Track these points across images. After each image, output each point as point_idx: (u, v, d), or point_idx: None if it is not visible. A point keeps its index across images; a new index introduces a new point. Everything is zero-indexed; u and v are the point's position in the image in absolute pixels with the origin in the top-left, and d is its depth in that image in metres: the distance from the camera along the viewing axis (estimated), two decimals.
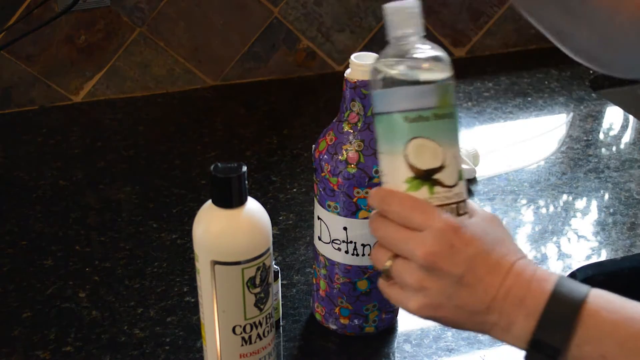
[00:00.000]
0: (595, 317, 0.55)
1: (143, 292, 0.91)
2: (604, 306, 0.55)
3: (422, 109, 0.58)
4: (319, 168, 0.78)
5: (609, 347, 0.54)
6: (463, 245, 0.57)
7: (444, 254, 0.57)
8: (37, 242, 1.00)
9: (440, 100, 0.59)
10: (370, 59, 0.75)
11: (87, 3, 1.27)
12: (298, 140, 1.23)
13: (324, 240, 0.81)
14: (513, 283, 0.57)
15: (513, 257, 0.58)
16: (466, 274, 0.57)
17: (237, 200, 0.66)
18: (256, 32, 1.39)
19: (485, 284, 0.57)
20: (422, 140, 0.59)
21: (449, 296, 0.58)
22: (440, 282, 0.58)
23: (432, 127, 0.59)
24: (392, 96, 0.59)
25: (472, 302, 0.58)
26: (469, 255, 0.57)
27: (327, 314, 0.84)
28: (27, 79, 1.30)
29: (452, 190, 0.60)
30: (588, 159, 1.18)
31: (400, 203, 0.59)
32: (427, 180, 0.59)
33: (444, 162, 0.59)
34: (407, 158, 0.59)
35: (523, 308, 0.56)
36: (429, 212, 0.58)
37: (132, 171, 1.15)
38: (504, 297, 0.57)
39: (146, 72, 1.36)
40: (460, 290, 0.57)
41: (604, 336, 0.55)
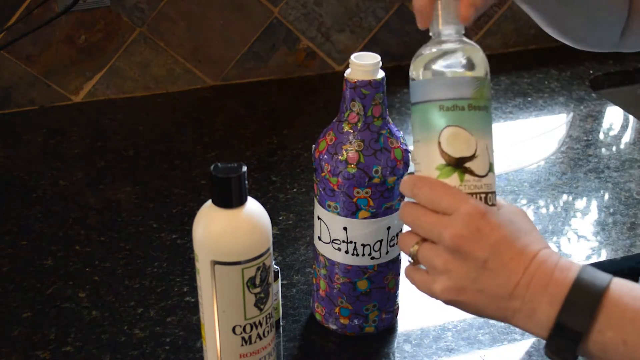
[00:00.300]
0: (617, 304, 0.56)
1: (143, 292, 0.91)
2: (626, 293, 0.56)
3: (458, 98, 0.60)
4: (319, 168, 0.78)
5: (630, 333, 0.55)
6: (489, 230, 0.58)
7: (471, 237, 0.58)
8: (37, 242, 1.00)
9: (475, 92, 0.60)
10: (371, 58, 0.75)
11: (87, 3, 1.27)
12: (298, 140, 1.23)
13: (324, 240, 0.81)
14: (536, 270, 0.58)
15: (537, 246, 0.60)
16: (491, 259, 0.58)
17: (237, 200, 0.66)
18: (256, 32, 1.39)
19: (509, 270, 0.58)
20: (456, 128, 0.60)
21: (473, 280, 0.59)
22: (466, 265, 0.59)
23: (466, 117, 0.60)
24: (430, 86, 0.61)
25: (496, 286, 0.59)
26: (494, 240, 0.58)
27: (327, 314, 0.84)
28: (27, 79, 1.30)
29: (482, 180, 0.61)
30: (588, 159, 1.18)
31: (430, 187, 0.60)
32: (458, 168, 0.60)
33: (475, 152, 0.61)
34: (440, 145, 0.61)
35: (546, 295, 0.57)
36: (458, 196, 0.60)
37: (132, 171, 1.15)
38: (527, 284, 0.58)
39: (146, 72, 1.36)
40: (485, 275, 0.59)
41: (625, 322, 0.56)
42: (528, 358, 0.82)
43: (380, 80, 0.75)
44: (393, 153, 0.76)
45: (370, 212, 0.77)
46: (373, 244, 0.79)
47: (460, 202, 0.59)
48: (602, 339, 0.56)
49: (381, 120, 0.76)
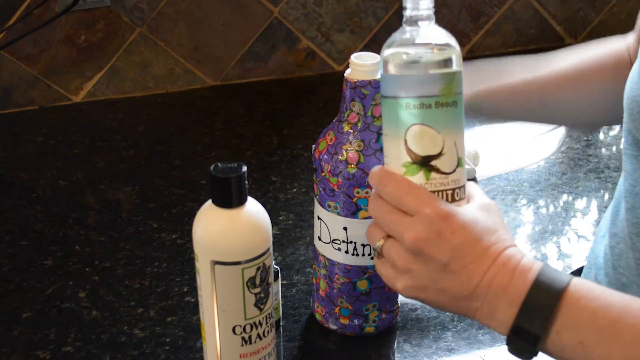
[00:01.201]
0: (574, 305, 0.57)
1: (143, 292, 0.91)
2: (583, 295, 0.57)
3: (425, 96, 0.59)
4: (319, 168, 0.78)
5: (586, 334, 0.56)
6: (450, 234, 0.59)
7: (431, 241, 0.59)
8: (37, 242, 1.00)
9: (444, 89, 0.59)
10: (371, 58, 0.75)
11: (87, 3, 1.27)
12: (298, 140, 1.23)
13: (324, 240, 0.80)
14: (497, 272, 0.59)
15: (500, 246, 0.60)
16: (451, 262, 0.59)
17: (237, 200, 0.66)
18: (256, 32, 1.39)
19: (470, 272, 0.59)
20: (422, 127, 0.60)
21: (433, 280, 0.60)
22: (426, 266, 0.60)
23: (433, 115, 0.60)
24: (396, 82, 0.61)
25: (456, 287, 0.60)
26: (455, 244, 0.59)
27: (327, 314, 0.84)
28: (27, 79, 1.30)
29: (449, 177, 0.61)
30: (588, 159, 1.18)
31: (395, 186, 0.61)
32: (424, 166, 0.60)
33: (442, 150, 0.60)
34: (406, 143, 0.60)
35: (506, 297, 0.58)
36: (422, 198, 0.60)
37: (132, 171, 1.15)
38: (487, 285, 0.59)
39: (146, 72, 1.36)
40: (445, 276, 0.59)
41: (582, 323, 0.57)
42: None
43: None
44: None
45: None
46: None
47: (423, 205, 0.59)
48: (560, 340, 0.57)
49: (381, 120, 0.76)
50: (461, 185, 0.62)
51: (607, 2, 1.57)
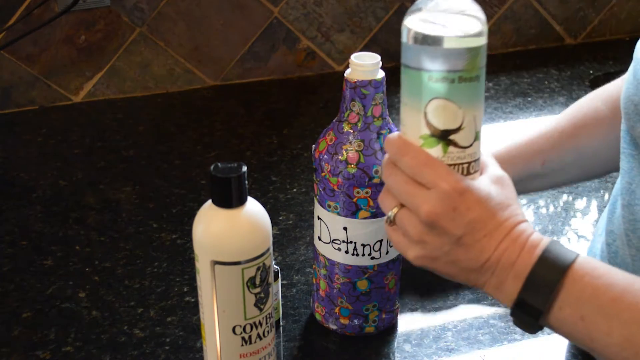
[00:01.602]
0: (578, 281, 0.58)
1: (143, 292, 0.91)
2: (587, 272, 0.58)
3: (448, 71, 0.58)
4: (319, 168, 0.78)
5: (588, 310, 0.58)
6: (465, 209, 0.59)
7: (446, 215, 0.59)
8: (37, 242, 1.00)
9: (467, 64, 0.58)
10: (371, 58, 0.75)
11: (87, 3, 1.27)
12: (298, 140, 1.23)
13: (324, 240, 0.80)
14: (507, 247, 0.60)
15: (513, 221, 0.61)
16: (465, 236, 0.60)
17: (237, 200, 0.66)
18: (256, 32, 1.39)
19: (482, 246, 0.60)
20: (443, 101, 0.59)
21: (446, 252, 0.61)
22: (439, 239, 0.60)
23: (455, 90, 0.58)
24: (420, 53, 0.58)
25: (467, 260, 0.61)
26: (470, 219, 0.60)
27: (327, 314, 0.84)
28: (27, 79, 1.30)
29: (466, 151, 0.60)
30: None
31: (414, 157, 0.60)
32: (443, 140, 0.60)
33: (462, 124, 0.59)
34: (426, 116, 0.59)
35: (513, 270, 0.60)
36: (439, 171, 0.60)
37: (132, 171, 1.15)
38: (497, 259, 0.60)
39: (146, 72, 1.36)
40: (457, 249, 0.60)
41: (584, 300, 0.58)
42: (528, 358, 0.82)
43: (380, 80, 0.75)
44: None
45: (370, 212, 0.77)
46: (373, 244, 0.79)
47: (440, 179, 0.59)
48: (562, 315, 0.59)
49: (381, 120, 0.76)
50: (477, 158, 0.62)
51: (607, 2, 1.57)
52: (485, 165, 0.64)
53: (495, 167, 0.64)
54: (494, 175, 0.63)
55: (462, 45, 0.58)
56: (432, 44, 0.58)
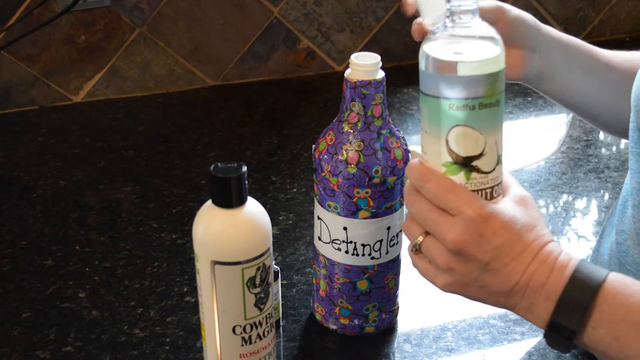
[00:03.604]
0: (610, 301, 0.57)
1: (143, 292, 0.91)
2: (619, 291, 0.58)
3: (468, 98, 0.57)
4: (319, 168, 0.78)
5: (622, 330, 0.57)
6: (491, 235, 0.59)
7: (473, 242, 0.59)
8: (37, 242, 1.00)
9: (487, 90, 0.58)
10: (371, 58, 0.75)
11: (87, 3, 1.27)
12: (298, 140, 1.23)
13: (324, 240, 0.80)
14: (536, 269, 0.60)
15: (540, 242, 0.61)
16: (492, 261, 0.60)
17: (237, 200, 0.66)
18: (256, 32, 1.39)
19: (510, 270, 0.60)
20: (465, 128, 0.58)
21: (474, 278, 0.61)
22: (467, 265, 0.60)
23: (476, 116, 0.58)
24: (438, 81, 0.58)
25: (496, 284, 0.61)
26: (496, 244, 0.59)
27: (327, 314, 0.84)
28: (27, 79, 1.30)
29: (489, 176, 0.60)
30: (588, 159, 1.18)
31: (437, 183, 0.60)
32: (465, 167, 0.60)
33: (483, 150, 0.59)
34: (448, 144, 0.59)
35: (543, 292, 0.59)
36: (463, 198, 0.60)
37: (132, 171, 1.15)
38: (526, 282, 0.60)
39: (146, 72, 1.36)
40: (486, 274, 0.60)
41: (617, 319, 0.57)
42: (528, 358, 0.82)
43: (380, 80, 0.75)
44: (393, 153, 0.76)
45: (370, 212, 0.77)
46: (373, 244, 0.79)
47: (465, 205, 0.59)
48: (596, 336, 0.58)
49: (381, 120, 0.76)
50: (499, 182, 0.62)
51: (607, 2, 1.57)
52: (508, 186, 0.63)
53: (517, 187, 0.64)
54: (517, 196, 0.63)
55: (482, 72, 0.57)
56: (451, 72, 0.57)
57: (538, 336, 0.84)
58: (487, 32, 0.59)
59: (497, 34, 0.59)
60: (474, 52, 0.58)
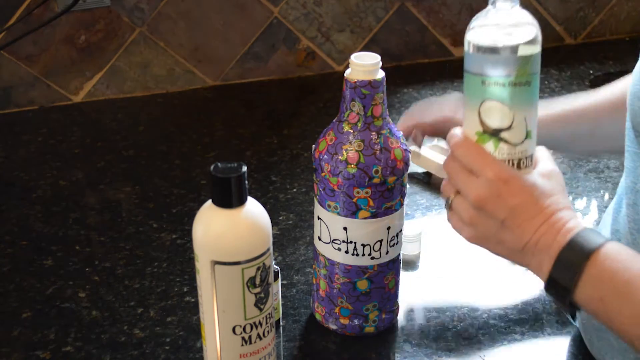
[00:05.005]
0: (600, 264, 0.63)
1: (143, 292, 0.91)
2: (610, 256, 0.63)
3: (499, 76, 0.64)
4: (319, 168, 0.78)
5: (605, 291, 0.63)
6: (508, 196, 0.66)
7: (491, 200, 0.66)
8: (37, 242, 1.00)
9: (518, 71, 0.64)
10: (371, 58, 0.75)
11: (87, 3, 1.27)
12: (298, 140, 1.23)
13: (324, 240, 0.80)
14: (546, 231, 0.65)
15: (554, 208, 0.66)
16: (507, 219, 0.66)
17: (237, 200, 0.66)
18: (256, 32, 1.39)
19: (523, 230, 0.66)
20: (495, 102, 0.65)
21: (493, 234, 0.67)
22: (487, 221, 0.67)
23: (506, 93, 0.64)
24: (475, 60, 0.65)
25: (511, 242, 0.67)
26: (512, 204, 0.66)
27: (327, 314, 0.84)
28: (27, 79, 1.30)
29: (517, 148, 0.66)
30: (588, 159, 1.18)
31: (467, 149, 0.68)
32: (494, 137, 0.66)
33: (511, 124, 0.65)
34: (480, 115, 0.66)
35: (550, 252, 0.65)
36: (487, 161, 0.67)
37: (132, 171, 1.15)
38: (536, 242, 0.66)
39: (146, 72, 1.36)
40: (503, 232, 0.67)
41: (603, 281, 0.63)
42: (528, 358, 0.82)
43: (380, 80, 0.75)
44: (393, 153, 0.76)
45: (370, 212, 0.77)
46: (373, 244, 0.79)
47: (487, 167, 0.66)
48: (585, 295, 0.63)
49: (381, 120, 0.76)
50: (528, 155, 0.67)
51: (607, 2, 1.57)
52: (539, 160, 0.69)
53: (547, 162, 0.70)
54: (545, 169, 0.69)
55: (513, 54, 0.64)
56: (486, 53, 0.65)
57: (538, 336, 0.84)
58: (524, 19, 0.65)
59: (535, 22, 0.65)
60: (509, 37, 0.64)
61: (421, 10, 1.46)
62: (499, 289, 0.92)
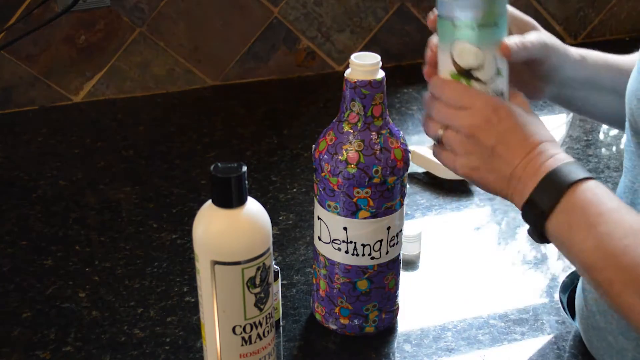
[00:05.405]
0: (577, 194, 0.65)
1: (143, 292, 0.91)
2: (589, 188, 0.65)
3: (467, 19, 0.68)
4: (319, 168, 0.78)
5: (575, 219, 0.64)
6: (497, 121, 0.69)
7: (481, 126, 0.69)
8: (37, 242, 1.00)
9: (484, 13, 0.68)
10: (371, 58, 0.75)
11: (87, 3, 1.27)
12: (298, 140, 1.23)
13: (324, 240, 0.81)
14: (533, 157, 0.67)
15: (541, 137, 0.69)
16: (497, 145, 0.68)
17: (237, 200, 0.66)
18: (256, 32, 1.39)
19: (512, 155, 0.68)
20: (465, 43, 0.68)
21: (484, 161, 0.69)
22: (478, 148, 0.69)
23: (474, 34, 0.68)
24: (445, 5, 0.69)
25: (500, 167, 0.69)
26: (502, 129, 0.68)
27: (327, 314, 0.84)
28: (27, 79, 1.30)
29: (489, 86, 0.70)
30: (588, 159, 1.18)
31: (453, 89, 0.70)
32: (466, 76, 0.69)
33: (482, 63, 0.69)
34: (452, 56, 0.69)
35: (535, 177, 0.67)
36: (474, 94, 0.70)
37: (132, 171, 1.15)
38: (524, 167, 0.67)
39: (146, 72, 1.36)
40: (493, 158, 0.69)
41: (577, 209, 0.65)
42: (528, 358, 0.82)
43: (380, 80, 0.75)
44: (393, 153, 0.76)
45: (370, 212, 0.77)
46: (373, 244, 0.79)
47: (476, 99, 0.69)
48: (557, 220, 0.65)
49: (381, 120, 0.76)
50: (500, 92, 0.71)
51: (607, 2, 1.57)
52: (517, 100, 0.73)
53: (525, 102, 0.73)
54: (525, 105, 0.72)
55: None
56: None
57: (538, 336, 0.84)
58: None
59: None
60: None
61: (421, 10, 1.46)
62: (499, 289, 0.92)
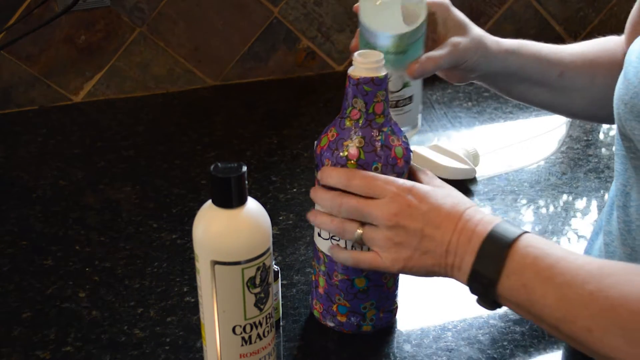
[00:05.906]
0: (521, 252, 0.64)
1: (143, 292, 0.91)
2: (530, 244, 0.65)
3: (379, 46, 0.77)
4: (320, 164, 0.78)
5: (528, 277, 0.64)
6: (418, 202, 0.68)
7: (404, 212, 0.68)
8: (37, 242, 1.00)
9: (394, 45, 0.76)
10: (374, 56, 0.75)
11: (87, 3, 1.27)
12: (298, 140, 1.23)
13: (324, 236, 0.80)
14: (463, 226, 0.67)
15: (463, 206, 0.69)
16: (425, 226, 0.68)
17: (237, 200, 0.66)
18: (256, 32, 1.39)
19: (442, 232, 0.68)
20: None
21: (415, 247, 0.68)
22: (407, 236, 0.68)
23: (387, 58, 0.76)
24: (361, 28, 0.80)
25: (434, 248, 0.68)
26: (424, 210, 0.68)
27: (324, 311, 0.84)
28: (27, 79, 1.30)
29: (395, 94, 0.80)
30: (588, 159, 1.18)
31: (362, 177, 0.70)
32: None
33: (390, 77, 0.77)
34: None
35: (469, 247, 0.66)
36: (384, 181, 0.69)
37: (132, 171, 1.15)
38: (457, 240, 0.67)
39: (146, 72, 1.36)
40: (423, 240, 0.68)
41: (525, 268, 0.64)
42: (528, 358, 0.82)
43: (383, 78, 0.75)
44: (394, 151, 0.76)
45: None
46: None
47: (387, 185, 0.68)
48: (509, 283, 0.64)
49: (383, 118, 0.76)
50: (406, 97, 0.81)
51: (607, 2, 1.57)
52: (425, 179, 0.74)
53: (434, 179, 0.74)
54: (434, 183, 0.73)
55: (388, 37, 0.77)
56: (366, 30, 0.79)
57: (538, 336, 0.84)
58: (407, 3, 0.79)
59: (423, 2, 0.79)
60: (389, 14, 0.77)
61: None
62: None
